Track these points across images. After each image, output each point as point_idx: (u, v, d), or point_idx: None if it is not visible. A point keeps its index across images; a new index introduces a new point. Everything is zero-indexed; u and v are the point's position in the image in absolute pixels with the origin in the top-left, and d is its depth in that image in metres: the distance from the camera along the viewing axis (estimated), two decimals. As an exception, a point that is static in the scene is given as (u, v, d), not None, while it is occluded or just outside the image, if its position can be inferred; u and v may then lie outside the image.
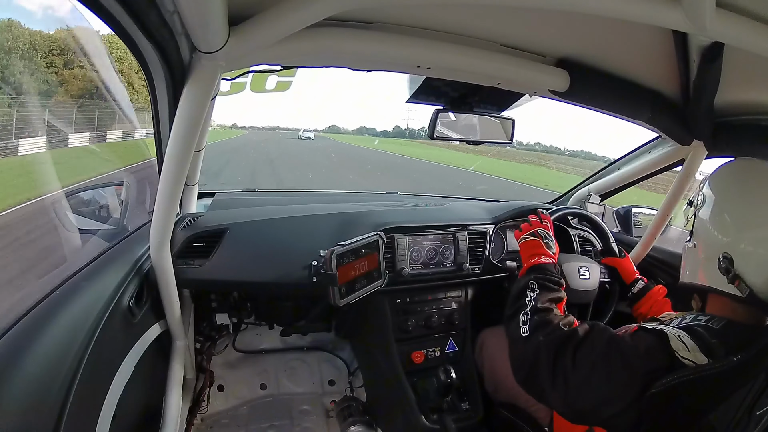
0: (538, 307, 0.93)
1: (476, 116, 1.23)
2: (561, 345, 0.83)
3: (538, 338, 0.87)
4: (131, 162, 7.09)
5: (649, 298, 1.25)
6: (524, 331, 0.90)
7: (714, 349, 0.73)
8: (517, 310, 0.95)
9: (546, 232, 1.12)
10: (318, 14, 0.69)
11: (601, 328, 0.86)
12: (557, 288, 0.99)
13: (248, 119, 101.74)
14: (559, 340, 0.84)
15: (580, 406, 0.80)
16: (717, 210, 0.84)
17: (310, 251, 1.18)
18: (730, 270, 0.78)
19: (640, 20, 0.71)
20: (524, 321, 0.91)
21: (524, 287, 0.97)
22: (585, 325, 0.87)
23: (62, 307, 0.81)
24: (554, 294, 0.97)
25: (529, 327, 0.90)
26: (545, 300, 0.94)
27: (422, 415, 1.26)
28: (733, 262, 0.78)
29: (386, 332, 1.35)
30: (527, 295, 0.95)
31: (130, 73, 11.82)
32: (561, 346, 0.83)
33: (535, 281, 0.98)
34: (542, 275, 1.00)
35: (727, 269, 0.78)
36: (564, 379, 0.80)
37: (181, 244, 1.22)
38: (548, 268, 1.02)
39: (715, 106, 1.03)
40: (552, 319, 0.89)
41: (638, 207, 1.77)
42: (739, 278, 0.77)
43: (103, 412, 0.80)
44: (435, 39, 0.88)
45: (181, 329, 1.23)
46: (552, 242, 1.11)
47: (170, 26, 0.65)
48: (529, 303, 0.94)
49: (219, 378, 1.70)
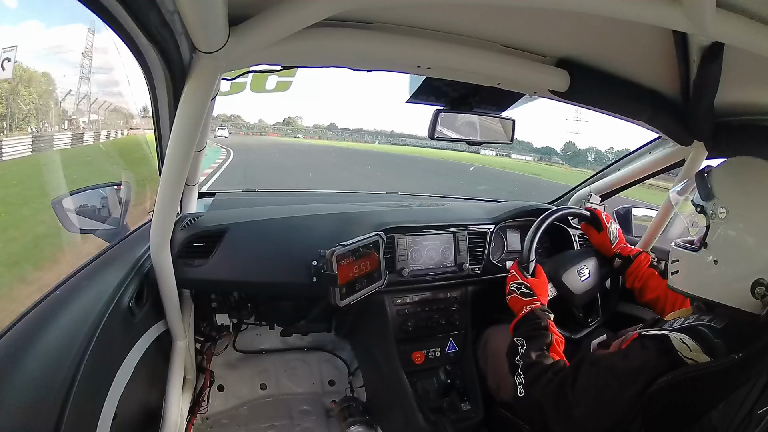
0: (528, 363, 0.95)
1: (476, 116, 1.23)
2: (558, 390, 0.86)
3: (535, 395, 0.90)
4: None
5: (630, 273, 1.28)
6: (520, 392, 0.93)
7: (716, 348, 0.74)
8: (512, 370, 0.98)
9: (515, 284, 1.14)
10: (318, 14, 0.69)
11: (591, 359, 0.88)
12: (543, 333, 1.01)
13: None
14: (555, 387, 0.87)
15: (591, 431, 0.82)
16: (750, 230, 0.79)
17: (310, 251, 1.18)
18: (767, 295, 0.74)
19: (640, 20, 0.71)
20: (519, 381, 0.94)
21: (514, 347, 1.00)
22: (574, 363, 0.90)
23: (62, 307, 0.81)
24: (541, 341, 0.99)
25: (524, 387, 0.93)
26: (534, 352, 0.97)
27: (422, 415, 1.26)
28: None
29: (386, 332, 1.35)
30: (517, 353, 0.98)
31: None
32: (559, 391, 0.86)
33: (521, 337, 1.01)
34: (525, 328, 1.03)
35: (764, 295, 0.74)
36: (569, 415, 0.83)
37: (181, 244, 1.22)
38: (527, 319, 1.05)
39: (715, 106, 1.03)
40: (542, 371, 0.92)
41: (638, 207, 1.77)
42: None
43: (104, 412, 0.80)
44: (435, 39, 0.88)
45: (181, 329, 1.23)
46: (527, 287, 1.12)
47: (170, 26, 0.65)
48: (518, 363, 0.97)
49: (219, 378, 1.70)
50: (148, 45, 0.69)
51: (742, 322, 0.78)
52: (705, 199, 0.85)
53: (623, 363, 0.82)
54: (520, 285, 1.13)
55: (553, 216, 1.30)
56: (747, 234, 0.79)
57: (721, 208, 0.82)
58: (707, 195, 0.85)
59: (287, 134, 59.56)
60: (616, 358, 0.85)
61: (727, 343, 0.74)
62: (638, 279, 1.26)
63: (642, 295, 1.26)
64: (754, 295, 0.76)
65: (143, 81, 0.88)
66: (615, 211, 1.78)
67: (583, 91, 1.03)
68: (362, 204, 1.63)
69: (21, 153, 9.51)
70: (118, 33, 0.67)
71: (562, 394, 0.84)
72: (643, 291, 1.25)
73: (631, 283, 1.28)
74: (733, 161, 0.92)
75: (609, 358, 0.88)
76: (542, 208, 1.60)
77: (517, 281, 1.14)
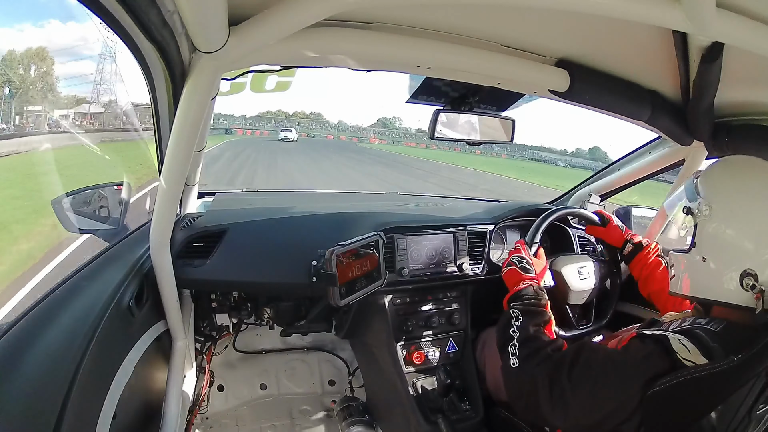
0: (524, 336, 0.93)
1: (476, 116, 1.23)
2: (555, 370, 0.84)
3: (530, 368, 0.88)
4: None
5: (639, 260, 1.26)
6: (514, 363, 0.91)
7: (714, 351, 0.73)
8: (505, 342, 0.95)
9: (518, 257, 1.12)
10: (318, 14, 0.69)
11: (592, 346, 0.87)
12: (541, 310, 0.99)
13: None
14: (553, 365, 0.85)
15: (583, 423, 0.81)
16: (733, 221, 0.79)
17: (310, 251, 1.19)
18: (756, 286, 0.74)
19: (640, 20, 0.71)
20: (513, 353, 0.92)
21: (508, 318, 0.98)
22: (575, 346, 0.88)
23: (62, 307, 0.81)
24: (539, 318, 0.97)
25: (518, 358, 0.90)
26: (531, 326, 0.95)
27: (422, 415, 1.26)
28: (757, 278, 0.75)
29: (386, 332, 1.34)
30: (512, 326, 0.96)
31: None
32: (555, 371, 0.84)
33: (516, 309, 0.99)
34: (522, 302, 1.01)
35: (753, 285, 0.75)
36: (564, 401, 0.81)
37: (181, 244, 1.22)
38: (526, 293, 1.03)
39: (715, 106, 1.03)
40: (541, 346, 0.90)
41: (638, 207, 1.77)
42: (763, 293, 0.74)
43: (103, 412, 0.80)
44: (435, 39, 0.88)
45: (181, 329, 1.23)
46: (528, 263, 1.11)
47: (170, 26, 0.65)
48: (514, 334, 0.94)
49: (219, 378, 1.70)
50: (148, 45, 0.69)
51: (739, 325, 0.78)
52: (691, 199, 0.86)
53: (623, 356, 0.81)
54: (522, 259, 1.11)
55: (567, 211, 1.37)
56: (729, 227, 0.80)
57: (705, 206, 0.82)
58: (693, 196, 0.86)
59: (393, 140, 52.05)
60: (616, 351, 0.84)
61: (723, 346, 0.74)
62: (646, 267, 1.24)
63: (646, 286, 1.24)
64: (743, 286, 0.76)
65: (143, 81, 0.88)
66: (615, 210, 1.79)
67: (583, 91, 1.03)
68: (362, 204, 1.63)
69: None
70: (118, 33, 0.67)
71: (559, 374, 0.82)
72: (648, 281, 1.23)
73: (639, 271, 1.26)
74: (719, 161, 0.92)
75: (609, 350, 0.87)
76: (542, 207, 1.60)
77: (520, 255, 1.12)
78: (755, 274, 0.75)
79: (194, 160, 1.19)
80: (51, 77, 25.21)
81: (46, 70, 23.78)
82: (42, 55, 23.61)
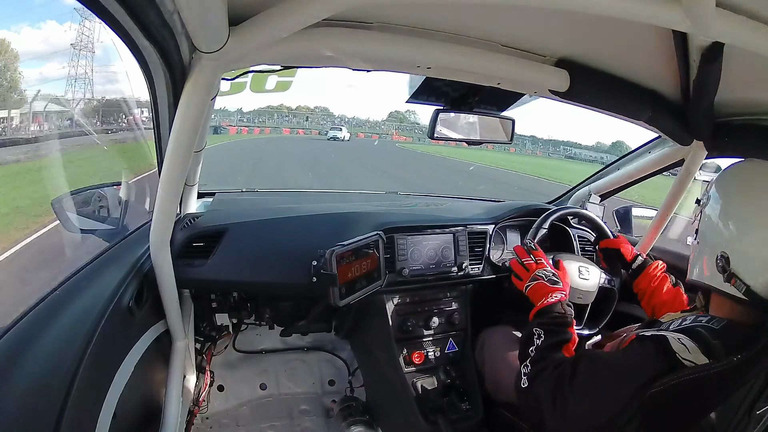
0: (539, 357, 0.94)
1: (476, 116, 1.23)
2: (557, 384, 0.85)
3: (535, 388, 0.89)
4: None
5: (647, 274, 1.26)
6: (524, 383, 0.92)
7: (714, 349, 0.73)
8: (523, 359, 0.96)
9: (543, 271, 1.10)
10: (318, 14, 0.69)
11: (592, 354, 0.89)
12: (564, 330, 0.98)
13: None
14: (554, 381, 0.86)
15: (585, 427, 0.82)
16: (718, 209, 0.86)
17: (310, 251, 1.19)
18: (726, 269, 0.79)
19: (640, 20, 0.71)
20: (525, 372, 0.93)
21: (530, 335, 0.98)
22: (574, 358, 0.89)
23: (62, 307, 0.81)
24: (560, 337, 0.97)
25: (527, 378, 0.92)
26: (550, 347, 0.95)
27: (422, 415, 1.26)
28: (729, 261, 0.79)
29: (386, 332, 1.34)
30: (533, 343, 0.96)
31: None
32: (557, 385, 0.85)
33: (540, 327, 0.98)
34: (547, 319, 1.00)
35: (723, 268, 0.79)
36: (565, 410, 0.82)
37: (181, 244, 1.22)
38: (554, 309, 1.01)
39: (715, 106, 1.03)
40: (546, 366, 0.91)
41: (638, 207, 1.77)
42: (735, 277, 0.78)
43: (103, 412, 0.80)
44: (435, 39, 0.88)
45: (181, 329, 1.23)
46: (555, 275, 1.10)
47: (170, 26, 0.65)
48: (531, 353, 0.95)
49: (219, 378, 1.70)
50: (148, 45, 0.69)
51: (740, 324, 0.78)
52: (704, 192, 0.93)
53: (622, 360, 0.82)
54: (548, 273, 1.10)
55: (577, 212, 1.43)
56: (713, 212, 0.87)
57: (706, 197, 0.91)
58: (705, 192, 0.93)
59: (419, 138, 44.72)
60: (614, 356, 0.86)
61: (724, 344, 0.74)
62: (654, 279, 1.24)
63: (651, 299, 1.24)
64: (717, 268, 0.81)
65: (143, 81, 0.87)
66: (615, 210, 1.78)
67: (583, 91, 1.03)
68: (362, 204, 1.63)
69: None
70: (118, 33, 0.67)
71: (560, 388, 0.84)
72: (654, 294, 1.23)
73: (647, 284, 1.25)
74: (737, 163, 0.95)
75: (608, 355, 0.89)
76: (542, 207, 1.60)
77: (545, 268, 1.11)
78: (727, 257, 0.79)
79: (194, 160, 1.19)
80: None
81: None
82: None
